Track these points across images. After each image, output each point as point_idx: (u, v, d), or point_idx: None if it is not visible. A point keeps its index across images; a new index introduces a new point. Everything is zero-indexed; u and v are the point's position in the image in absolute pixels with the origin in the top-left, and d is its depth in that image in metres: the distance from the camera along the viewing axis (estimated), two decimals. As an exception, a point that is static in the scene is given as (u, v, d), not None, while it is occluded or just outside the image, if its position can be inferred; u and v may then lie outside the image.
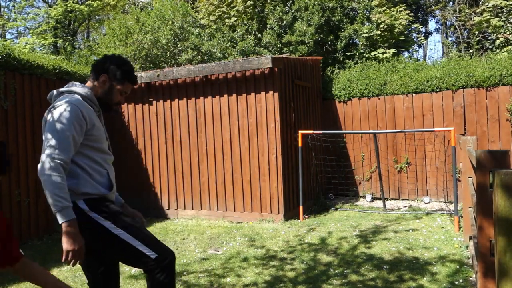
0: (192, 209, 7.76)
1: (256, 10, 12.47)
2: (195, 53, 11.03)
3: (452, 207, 7.35)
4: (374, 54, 11.40)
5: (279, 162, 7.06)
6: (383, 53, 11.42)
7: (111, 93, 2.67)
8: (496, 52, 11.32)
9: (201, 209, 7.68)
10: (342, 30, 11.60)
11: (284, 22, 11.54)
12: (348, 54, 11.69)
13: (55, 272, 5.05)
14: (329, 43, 11.79)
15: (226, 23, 12.66)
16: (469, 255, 4.86)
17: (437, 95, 8.27)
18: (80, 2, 17.22)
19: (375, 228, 6.40)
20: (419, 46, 19.02)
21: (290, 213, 7.29)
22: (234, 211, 7.42)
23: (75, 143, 2.41)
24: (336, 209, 7.99)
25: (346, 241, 5.79)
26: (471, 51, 13.14)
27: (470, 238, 4.54)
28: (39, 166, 2.33)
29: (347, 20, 11.84)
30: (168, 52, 11.15)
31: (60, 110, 2.41)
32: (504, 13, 12.17)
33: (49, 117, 2.43)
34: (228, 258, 5.27)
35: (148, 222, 7.59)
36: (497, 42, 11.89)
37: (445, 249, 5.24)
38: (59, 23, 16.58)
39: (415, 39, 14.34)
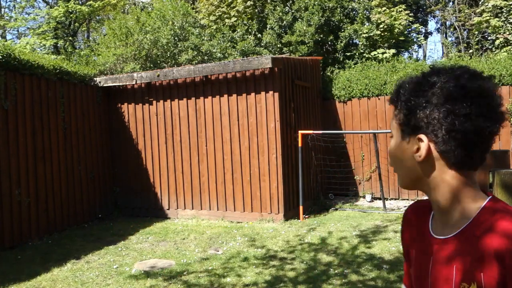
0: (192, 209, 7.76)
1: (256, 10, 12.47)
2: (195, 53, 11.04)
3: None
4: (374, 54, 11.40)
5: (279, 162, 7.07)
6: (383, 53, 11.43)
7: None
8: (495, 52, 11.33)
9: (201, 209, 7.68)
10: (342, 30, 11.61)
11: (284, 22, 11.55)
12: (348, 54, 11.69)
13: (55, 272, 5.05)
14: (329, 43, 11.79)
15: (226, 23, 12.67)
16: (469, 255, 4.86)
17: (437, 95, 8.26)
18: (80, 3, 17.23)
19: (375, 228, 6.41)
20: (419, 46, 19.02)
21: (290, 213, 7.29)
22: (234, 211, 7.42)
23: None
24: (336, 209, 7.99)
25: (346, 241, 5.80)
26: (471, 51, 13.15)
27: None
28: None
29: (347, 20, 11.85)
30: (168, 52, 11.15)
31: None
32: (504, 13, 12.17)
33: None
34: (228, 258, 5.28)
35: (148, 222, 7.60)
36: (497, 42, 11.90)
37: (445, 249, 5.24)
38: (60, 24, 16.58)
39: (415, 39, 14.34)
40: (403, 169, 1.01)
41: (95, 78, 8.12)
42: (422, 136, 0.95)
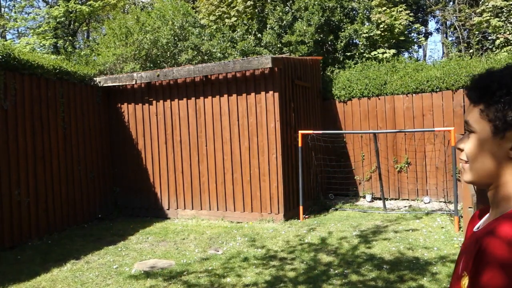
0: (192, 209, 7.76)
1: (256, 10, 12.47)
2: (195, 53, 11.03)
3: (452, 207, 7.34)
4: (374, 54, 11.39)
5: (279, 162, 7.06)
6: (383, 53, 11.42)
7: None
8: (496, 52, 11.32)
9: (201, 209, 7.68)
10: (342, 30, 11.60)
11: (284, 22, 11.54)
12: (348, 54, 11.68)
13: (55, 272, 5.05)
14: (329, 43, 11.78)
15: (226, 23, 12.66)
16: (469, 255, 4.85)
17: (437, 95, 8.27)
18: (80, 2, 17.22)
19: (375, 228, 6.40)
20: (419, 46, 19.01)
21: (290, 213, 7.29)
22: (234, 211, 7.42)
23: None
24: (336, 209, 7.98)
25: (346, 241, 5.79)
26: (471, 51, 13.14)
27: (470, 238, 4.53)
28: None
29: (347, 20, 11.84)
30: (168, 52, 11.14)
31: None
32: (504, 13, 12.16)
33: None
34: (228, 258, 5.27)
35: (148, 222, 7.60)
36: (497, 42, 11.89)
37: (445, 249, 5.24)
38: (60, 23, 16.58)
39: (415, 40, 14.33)
40: (485, 165, 1.01)
41: (95, 78, 8.11)
42: None
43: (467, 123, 1.03)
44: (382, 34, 11.74)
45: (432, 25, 32.16)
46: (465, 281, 0.94)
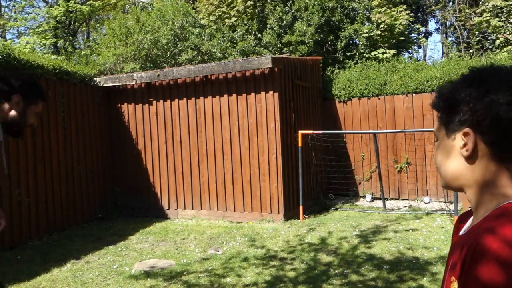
0: (192, 209, 7.76)
1: (256, 10, 12.47)
2: (195, 53, 11.03)
3: (452, 207, 7.34)
4: (374, 54, 11.39)
5: (279, 162, 7.06)
6: (383, 53, 11.42)
7: (26, 115, 2.39)
8: (496, 52, 11.32)
9: (201, 209, 7.68)
10: (342, 30, 11.60)
11: (284, 22, 11.54)
12: (348, 54, 11.69)
13: (55, 272, 5.05)
14: (329, 43, 11.79)
15: (226, 23, 12.66)
16: (469, 255, 4.85)
17: (437, 95, 8.26)
18: (80, 2, 17.22)
19: (375, 228, 6.40)
20: (419, 46, 19.02)
21: (290, 213, 7.29)
22: (234, 211, 7.42)
23: None
24: (336, 209, 7.99)
25: (346, 241, 5.80)
26: (471, 51, 13.14)
27: (470, 238, 4.54)
28: None
29: (347, 20, 11.84)
30: (168, 52, 11.14)
31: None
32: (504, 14, 12.17)
33: None
34: (228, 258, 5.27)
35: (148, 222, 7.60)
36: (497, 42, 11.89)
37: (445, 249, 5.24)
38: (60, 23, 16.58)
39: (415, 40, 14.33)
40: (448, 168, 1.02)
41: (95, 78, 8.11)
42: (468, 130, 0.95)
43: (434, 133, 1.08)
44: (382, 34, 11.75)
45: (432, 25, 32.15)
46: (454, 287, 0.91)
